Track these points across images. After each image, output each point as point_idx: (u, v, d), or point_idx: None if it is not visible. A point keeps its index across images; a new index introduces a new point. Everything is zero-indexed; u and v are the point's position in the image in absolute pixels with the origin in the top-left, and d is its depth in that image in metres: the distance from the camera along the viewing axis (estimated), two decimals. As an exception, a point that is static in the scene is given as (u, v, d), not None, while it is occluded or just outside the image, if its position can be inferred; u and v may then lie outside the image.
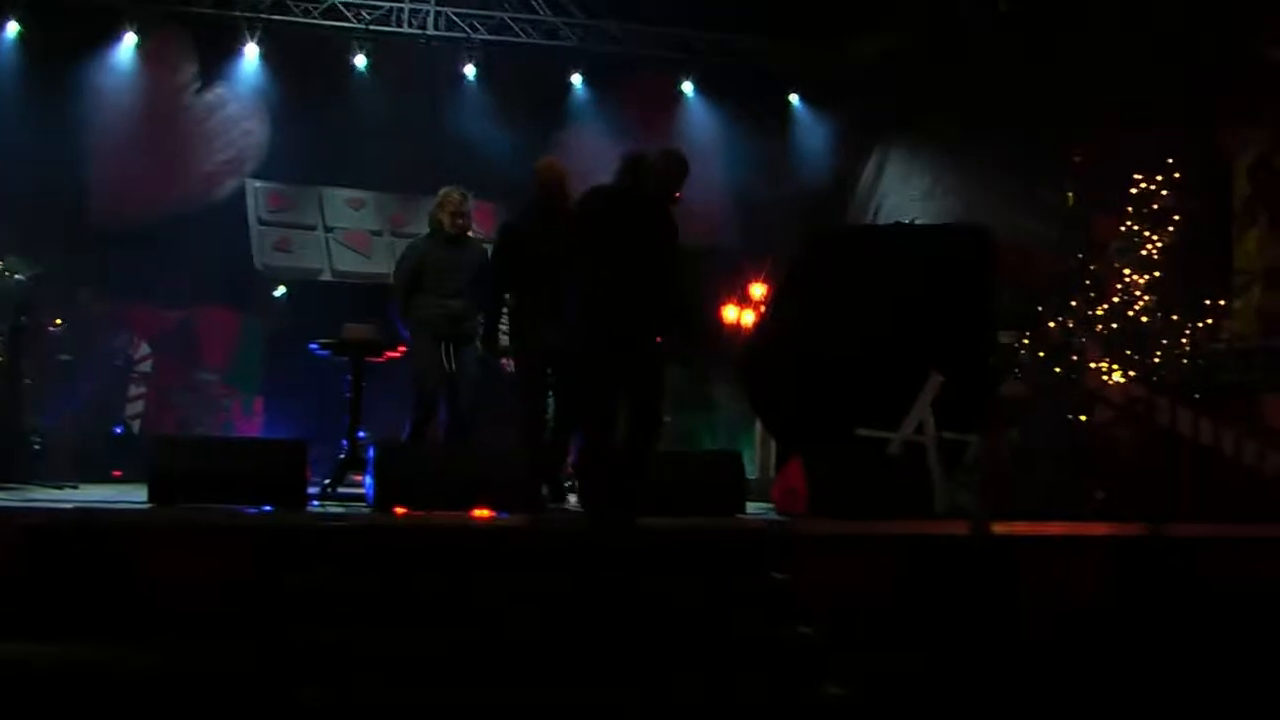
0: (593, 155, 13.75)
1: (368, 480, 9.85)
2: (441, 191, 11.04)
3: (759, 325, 12.38)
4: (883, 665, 7.82)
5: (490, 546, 8.28)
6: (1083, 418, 10.52)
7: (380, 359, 11.48)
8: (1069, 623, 8.75)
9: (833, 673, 7.48)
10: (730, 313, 16.28)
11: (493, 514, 9.19)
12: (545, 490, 10.02)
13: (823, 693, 7.36)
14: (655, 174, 8.85)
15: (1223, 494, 11.17)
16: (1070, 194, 14.89)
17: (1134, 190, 15.16)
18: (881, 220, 16.84)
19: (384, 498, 9.38)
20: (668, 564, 8.22)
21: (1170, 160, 15.16)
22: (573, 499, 10.14)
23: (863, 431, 11.15)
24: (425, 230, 11.37)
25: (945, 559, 8.37)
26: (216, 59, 16.71)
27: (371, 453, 9.82)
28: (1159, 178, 15.15)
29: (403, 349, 11.22)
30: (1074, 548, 9.19)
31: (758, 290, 15.99)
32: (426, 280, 10.83)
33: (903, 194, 17.43)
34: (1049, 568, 8.99)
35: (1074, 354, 12.11)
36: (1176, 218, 15.10)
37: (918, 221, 15.40)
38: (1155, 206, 15.14)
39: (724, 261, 16.47)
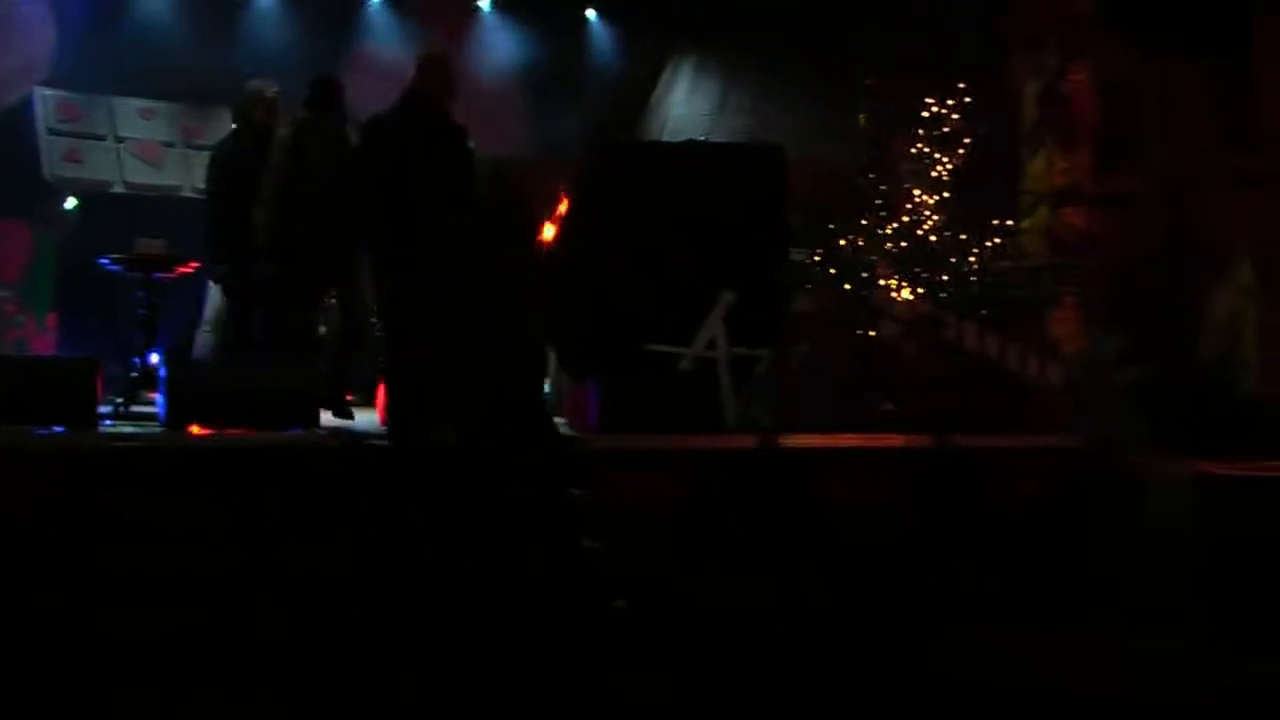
0: (390, 69, 13.44)
1: (159, 399, 9.56)
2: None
3: (551, 245, 12.24)
4: (672, 578, 7.81)
5: (282, 464, 8.10)
6: (871, 333, 10.57)
7: (173, 274, 11.17)
8: (862, 530, 8.85)
9: (621, 587, 7.43)
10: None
11: (283, 431, 8.98)
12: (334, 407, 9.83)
13: (609, 607, 7.31)
14: (420, 87, 8.66)
15: (1008, 407, 11.36)
16: (862, 115, 14.97)
17: (925, 113, 15.30)
18: (672, 136, 16.76)
19: (176, 416, 9.11)
20: (464, 481, 8.09)
21: (960, 85, 15.34)
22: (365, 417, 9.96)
23: (653, 347, 11.09)
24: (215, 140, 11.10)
25: (736, 472, 8.35)
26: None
27: (163, 371, 9.55)
28: (949, 101, 15.32)
29: (195, 264, 10.93)
30: (864, 459, 9.27)
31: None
32: None
33: (693, 110, 17.41)
34: (840, 479, 9.06)
35: (864, 271, 12.19)
36: (967, 140, 15.30)
37: (709, 139, 15.37)
38: (945, 130, 15.33)
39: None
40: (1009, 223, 15.49)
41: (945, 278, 13.21)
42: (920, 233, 14.44)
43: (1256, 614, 7.95)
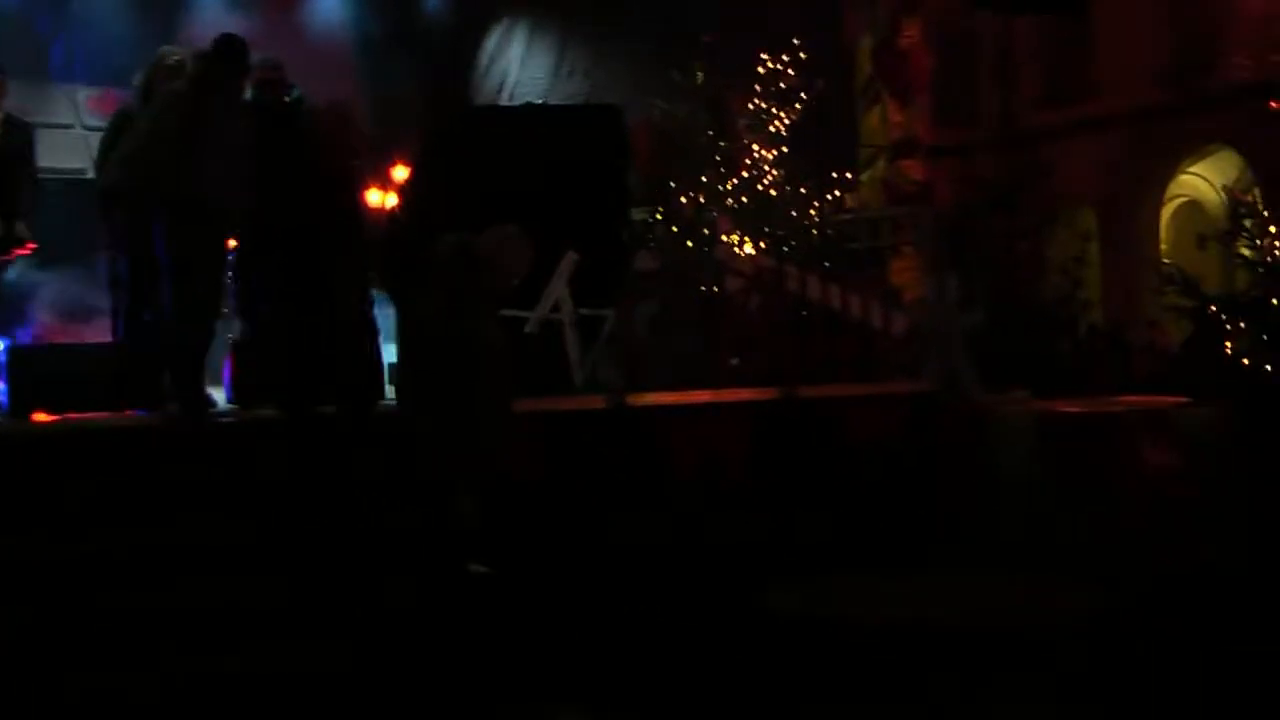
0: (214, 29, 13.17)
1: (2, 387, 9.35)
2: None
3: (393, 212, 12.16)
4: (529, 541, 7.82)
5: (139, 446, 7.96)
6: (715, 289, 10.63)
7: (9, 257, 10.86)
8: (714, 485, 8.92)
9: (480, 551, 7.42)
10: (374, 197, 15.96)
11: (134, 413, 8.82)
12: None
13: (469, 571, 7.30)
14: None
15: (853, 355, 11.51)
16: (699, 73, 15.04)
17: (762, 70, 15.41)
18: (510, 100, 16.71)
19: (19, 403, 8.91)
20: (329, 454, 8.05)
21: (796, 41, 15.46)
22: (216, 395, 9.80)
23: (501, 312, 11.06)
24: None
25: (588, 432, 8.36)
26: None
27: (3, 357, 9.32)
28: (786, 58, 15.43)
29: (32, 246, 10.63)
30: (713, 414, 9.32)
31: (399, 173, 15.73)
32: None
33: (530, 73, 17.37)
34: (689, 435, 9.12)
35: (705, 228, 12.25)
36: (804, 96, 15.43)
37: (548, 102, 15.35)
38: (783, 86, 15.44)
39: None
40: (848, 175, 15.68)
41: (786, 231, 13.33)
42: (760, 188, 14.56)
43: (1092, 545, 8.12)
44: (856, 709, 6.10)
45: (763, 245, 12.72)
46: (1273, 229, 9.94)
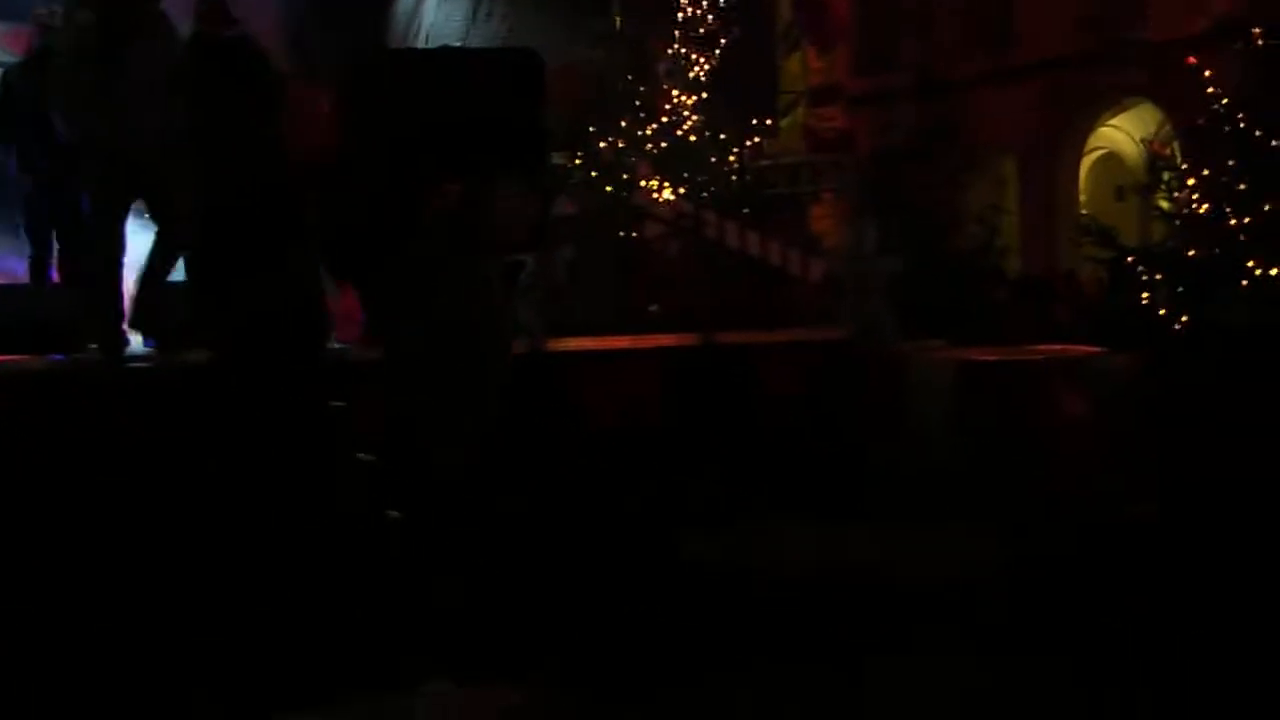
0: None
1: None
2: None
3: (314, 152, 11.96)
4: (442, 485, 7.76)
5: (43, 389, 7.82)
6: (634, 234, 10.57)
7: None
8: (631, 431, 8.89)
9: (392, 496, 7.34)
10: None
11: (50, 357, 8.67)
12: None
13: (382, 516, 7.23)
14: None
15: (771, 302, 11.49)
16: (618, 18, 14.92)
17: (681, 15, 15.31)
18: (427, 44, 16.50)
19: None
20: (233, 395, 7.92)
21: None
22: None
23: (419, 257, 10.95)
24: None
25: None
26: None
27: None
28: (704, 2, 15.34)
29: None
30: (631, 360, 9.27)
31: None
32: None
33: (446, 16, 17.16)
34: (607, 380, 9.07)
35: (624, 173, 12.18)
36: (724, 41, 15.35)
37: (466, 45, 15.16)
38: (702, 31, 15.34)
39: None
40: (767, 122, 15.63)
41: (706, 177, 13.29)
42: (680, 133, 14.49)
43: (1008, 494, 8.15)
44: (773, 665, 6.10)
45: (682, 191, 12.66)
46: (1190, 182, 9.98)
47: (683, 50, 15.29)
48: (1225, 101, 9.87)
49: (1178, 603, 7.33)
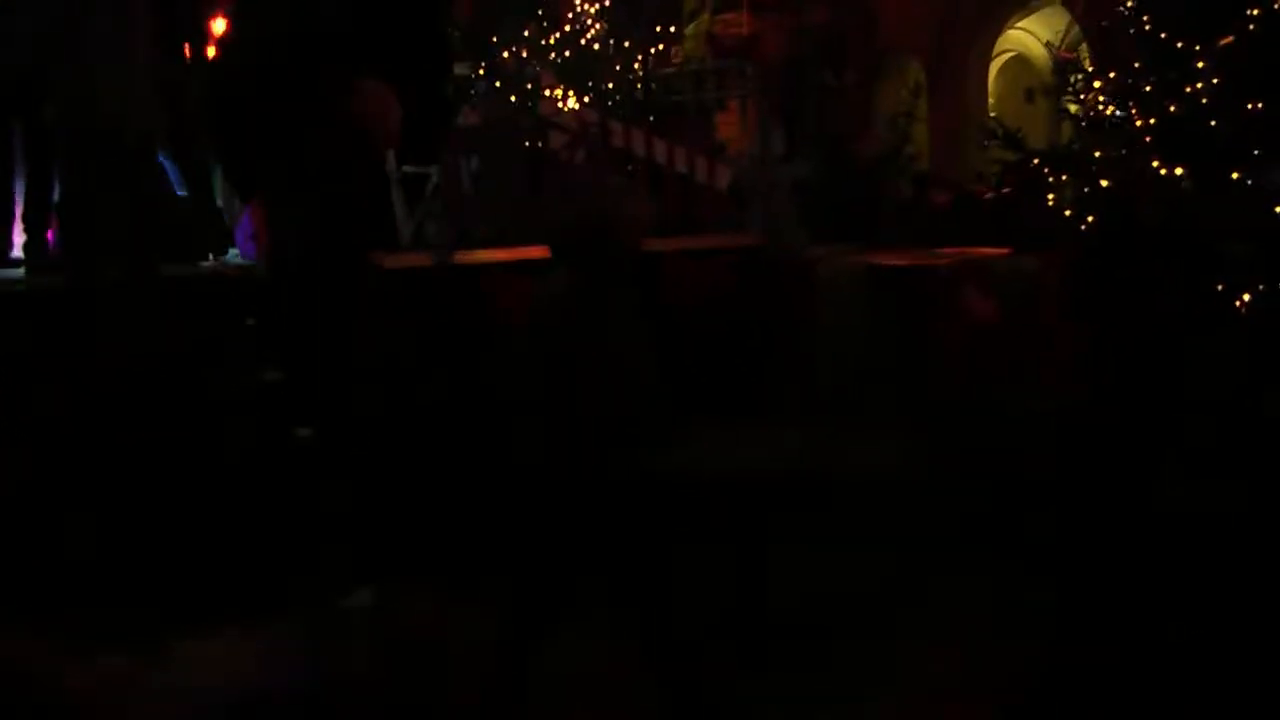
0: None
1: None
2: None
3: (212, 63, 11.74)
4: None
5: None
6: (540, 144, 10.48)
7: None
8: (538, 341, 8.85)
9: (302, 415, 7.30)
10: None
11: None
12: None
13: (292, 435, 7.19)
14: None
15: (678, 209, 11.46)
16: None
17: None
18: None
19: None
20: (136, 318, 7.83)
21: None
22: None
23: (323, 170, 10.83)
24: None
25: (415, 290, 8.21)
26: None
27: None
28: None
29: None
30: (534, 270, 9.24)
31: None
32: None
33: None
34: (519, 291, 9.02)
35: (528, 82, 12.06)
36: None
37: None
38: (606, -63, 15.17)
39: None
40: (672, 29, 15.51)
41: (610, 85, 13.18)
42: (584, 42, 14.34)
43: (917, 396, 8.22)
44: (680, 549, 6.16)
45: (586, 100, 12.55)
46: (1097, 84, 9.99)
47: (585, -43, 15.11)
48: (1130, 4, 9.88)
49: (1098, 491, 7.47)
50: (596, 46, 14.21)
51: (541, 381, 7.37)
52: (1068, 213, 9.78)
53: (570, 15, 14.43)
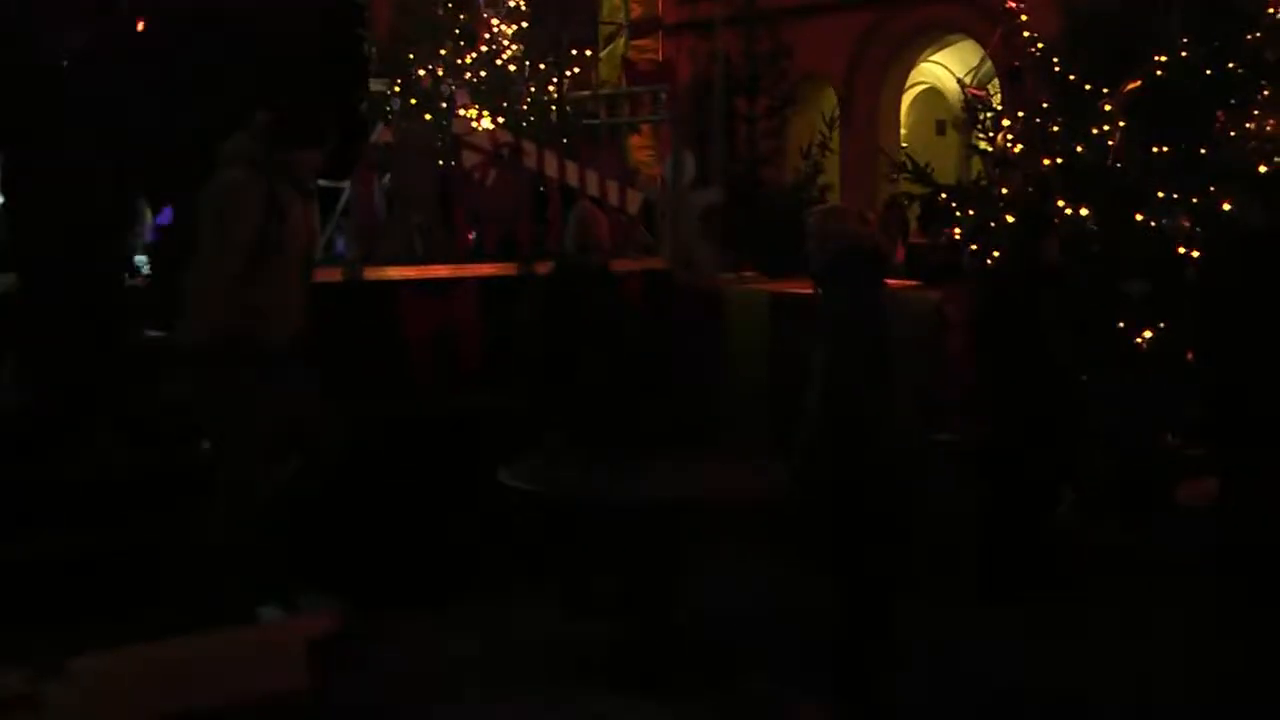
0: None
1: None
2: None
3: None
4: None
5: None
6: (453, 163, 10.47)
7: None
8: (451, 359, 8.91)
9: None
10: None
11: None
12: None
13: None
14: None
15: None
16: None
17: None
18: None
19: None
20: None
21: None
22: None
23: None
24: None
25: (325, 304, 8.17)
26: None
27: None
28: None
29: None
30: (449, 289, 9.27)
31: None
32: None
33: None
34: (427, 309, 9.05)
35: (443, 101, 12.06)
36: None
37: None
38: (521, -40, 15.22)
39: None
40: (587, 53, 15.57)
41: (525, 106, 13.22)
42: (499, 62, 14.39)
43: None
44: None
45: (500, 121, 12.57)
46: (1006, 122, 10.16)
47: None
48: (1041, 45, 10.07)
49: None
50: (512, 68, 14.26)
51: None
52: (973, 247, 9.93)
53: (487, 36, 14.48)
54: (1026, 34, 10.17)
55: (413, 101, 11.84)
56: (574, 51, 14.92)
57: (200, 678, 6.10)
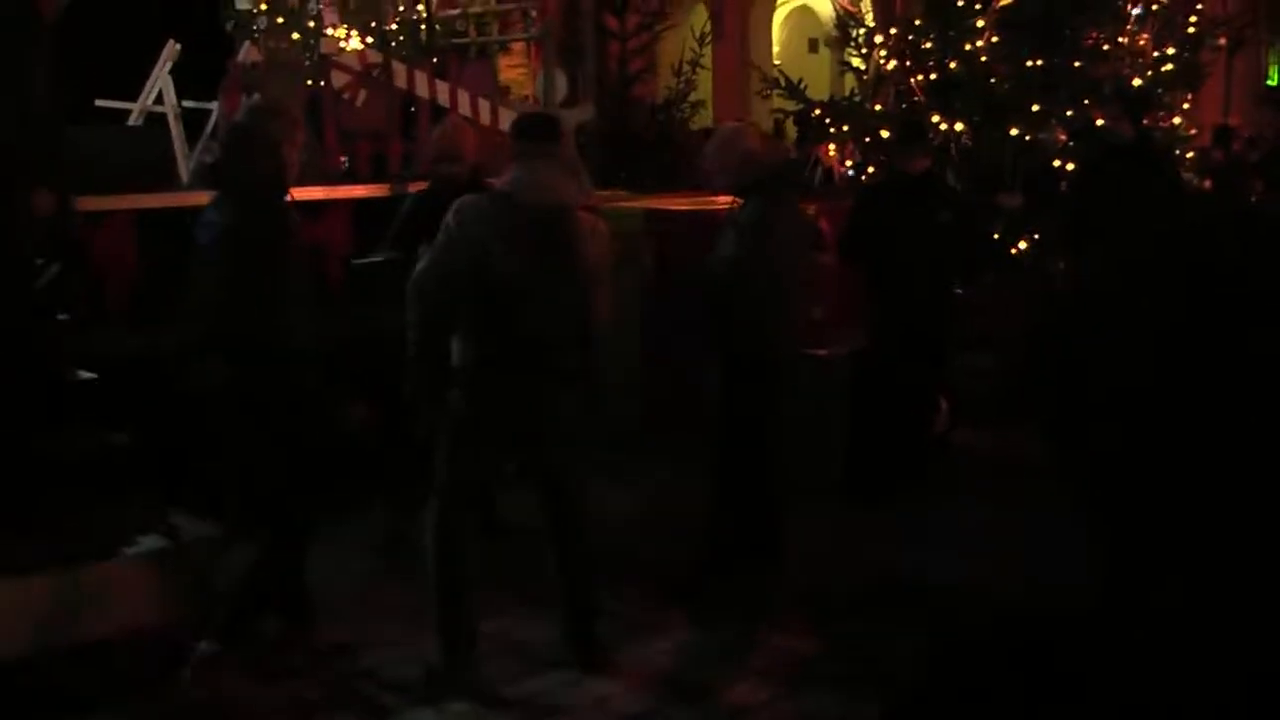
0: None
1: None
2: None
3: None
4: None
5: None
6: (322, 83, 10.33)
7: None
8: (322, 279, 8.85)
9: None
10: None
11: None
12: None
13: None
14: None
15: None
16: None
17: None
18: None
19: None
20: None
21: None
22: None
23: (101, 103, 10.78)
24: None
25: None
26: None
27: None
28: None
29: None
30: (324, 210, 9.20)
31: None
32: None
33: None
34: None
35: (311, 20, 11.87)
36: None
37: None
38: None
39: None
40: (456, -31, 15.40)
41: (394, 26, 13.04)
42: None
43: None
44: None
45: (369, 40, 12.40)
46: (878, 39, 10.22)
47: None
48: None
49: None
50: (381, -15, 14.05)
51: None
52: (848, 163, 10.01)
53: (356, -47, 14.24)
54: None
55: (280, 20, 11.62)
56: (442, -32, 14.74)
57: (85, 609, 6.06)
